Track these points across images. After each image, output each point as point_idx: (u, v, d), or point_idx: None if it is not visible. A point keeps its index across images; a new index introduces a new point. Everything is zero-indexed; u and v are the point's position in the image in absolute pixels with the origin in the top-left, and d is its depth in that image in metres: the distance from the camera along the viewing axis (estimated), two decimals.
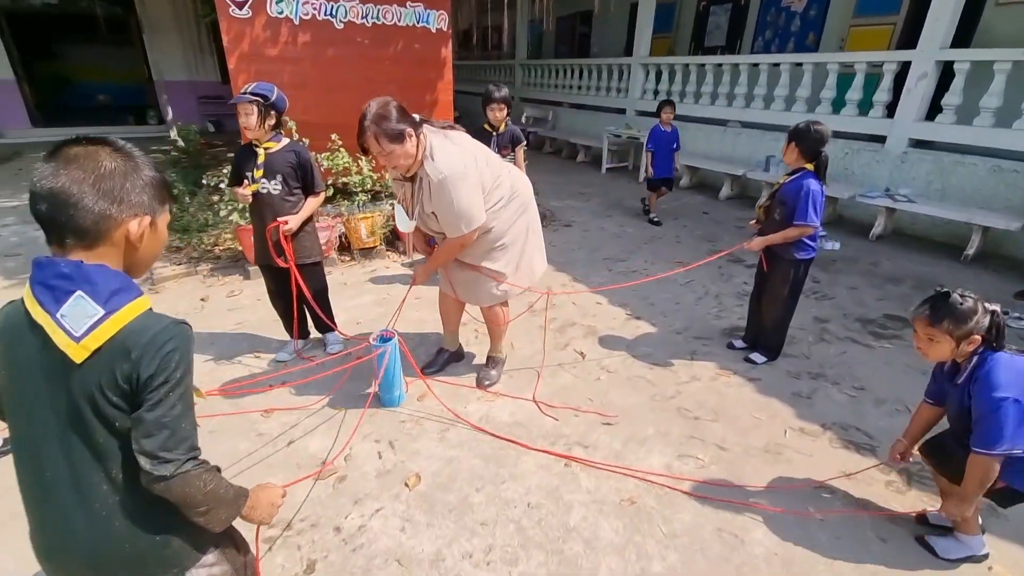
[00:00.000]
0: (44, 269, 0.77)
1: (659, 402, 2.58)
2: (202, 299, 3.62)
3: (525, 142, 3.73)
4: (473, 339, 3.16)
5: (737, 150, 7.06)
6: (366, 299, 3.69)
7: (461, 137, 2.16)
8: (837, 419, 2.49)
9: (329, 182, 4.31)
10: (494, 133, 3.61)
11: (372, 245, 4.37)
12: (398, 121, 1.92)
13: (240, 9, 4.27)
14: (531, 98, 11.44)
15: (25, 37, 10.63)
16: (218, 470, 0.90)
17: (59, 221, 0.77)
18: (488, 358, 2.78)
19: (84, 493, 0.82)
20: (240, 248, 4.09)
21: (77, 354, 0.75)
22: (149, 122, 11.70)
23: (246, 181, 2.57)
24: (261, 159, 2.55)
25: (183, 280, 3.91)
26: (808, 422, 2.47)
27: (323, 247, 4.16)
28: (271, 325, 3.25)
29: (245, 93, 2.43)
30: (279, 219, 2.58)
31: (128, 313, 0.79)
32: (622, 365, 2.91)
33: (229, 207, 3.93)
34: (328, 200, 4.32)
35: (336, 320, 3.02)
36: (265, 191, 2.59)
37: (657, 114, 5.45)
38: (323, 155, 4.39)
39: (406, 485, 2.03)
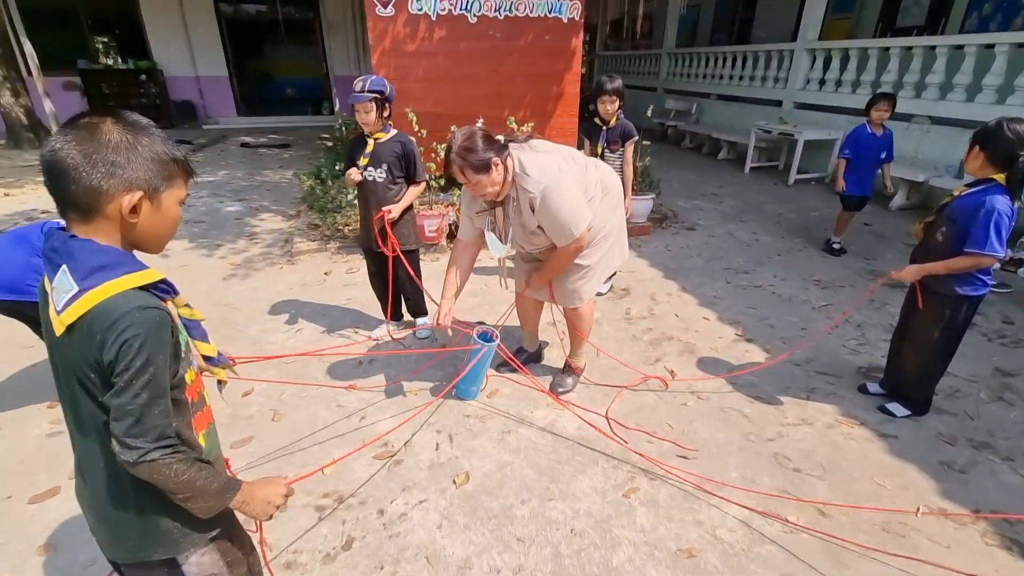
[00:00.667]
0: (48, 239, 0.82)
1: (752, 443, 2.23)
2: (326, 273, 4.01)
3: (636, 137, 3.47)
4: (558, 340, 3.05)
5: (922, 151, 5.85)
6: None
7: (544, 144, 2.09)
8: (1001, 506, 1.92)
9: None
10: (604, 127, 3.41)
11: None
12: (484, 150, 1.88)
13: (385, 8, 4.59)
14: (676, 89, 10.73)
15: (237, 39, 12.73)
16: (207, 463, 0.89)
17: (57, 193, 0.79)
18: (566, 363, 2.65)
19: (85, 457, 0.89)
20: None
21: (58, 327, 0.79)
22: (323, 112, 13.37)
23: (355, 168, 2.76)
24: (370, 148, 2.71)
25: (316, 255, 4.36)
26: (955, 503, 1.94)
27: (433, 233, 4.36)
28: (374, 304, 3.48)
29: (363, 92, 2.59)
30: (383, 208, 2.73)
31: (103, 292, 0.77)
32: (716, 393, 2.57)
33: (354, 192, 4.28)
34: (442, 189, 4.49)
35: (430, 307, 3.13)
36: (371, 178, 2.74)
37: (866, 112, 4.15)
38: (442, 145, 4.55)
39: (454, 482, 2.01)
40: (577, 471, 2.07)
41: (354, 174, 2.73)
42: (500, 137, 1.98)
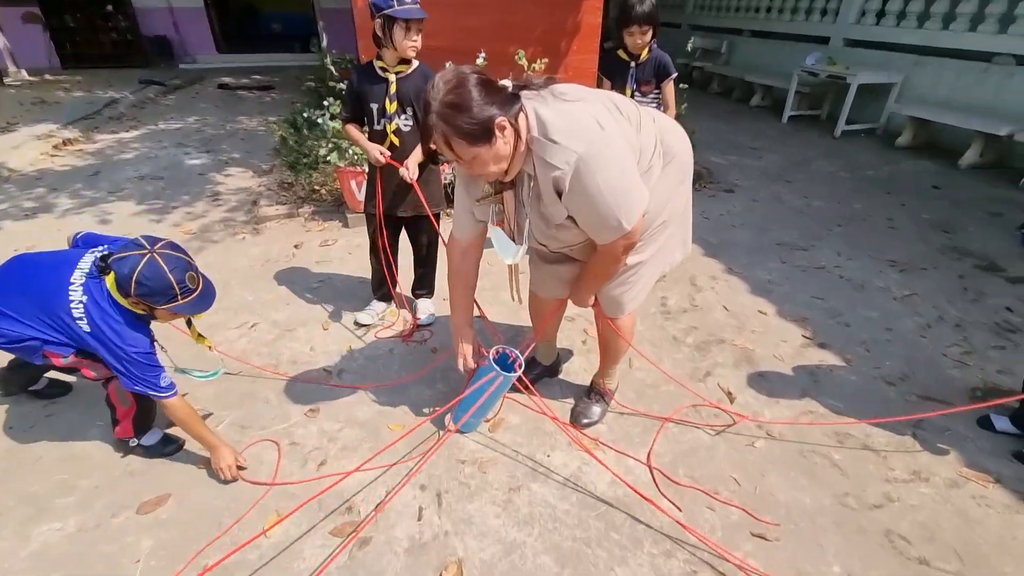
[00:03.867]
0: None
1: (853, 511, 1.63)
2: (296, 246, 3.33)
3: (675, 73, 2.68)
4: (580, 344, 2.41)
5: (1003, 98, 4.96)
6: None
7: (573, 90, 1.30)
8: None
9: None
10: (632, 64, 2.62)
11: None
12: (482, 106, 1.15)
13: None
14: (704, 25, 9.56)
15: None
16: None
17: None
18: (592, 385, 2.03)
19: None
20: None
21: None
22: (312, 50, 12.18)
23: (372, 124, 2.16)
24: (393, 87, 2.05)
25: (285, 223, 3.66)
26: None
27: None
28: (355, 287, 2.83)
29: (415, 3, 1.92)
30: (404, 164, 2.12)
31: None
32: (792, 427, 1.95)
33: (331, 144, 3.52)
34: None
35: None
36: (406, 128, 2.14)
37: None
38: None
39: None
40: (614, 559, 1.48)
41: (381, 152, 2.12)
42: (506, 82, 1.25)
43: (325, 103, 3.60)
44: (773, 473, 1.75)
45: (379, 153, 2.11)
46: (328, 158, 3.47)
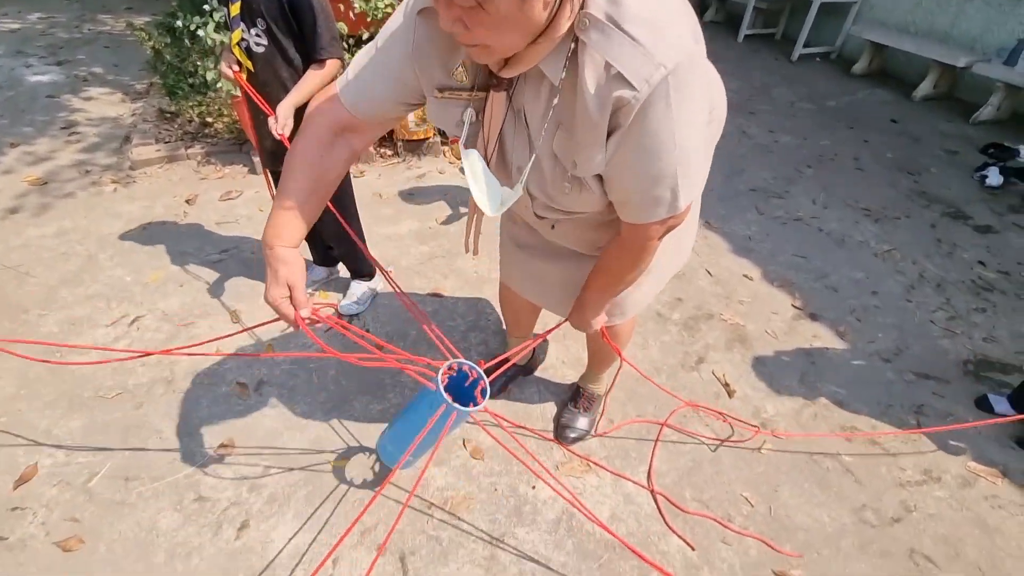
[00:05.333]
0: None
1: (873, 530, 1.47)
2: (187, 201, 2.63)
3: None
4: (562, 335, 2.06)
5: (961, 25, 4.80)
6: (405, 227, 2.58)
7: None
8: None
9: (364, 36, 2.95)
10: None
11: (423, 137, 3.12)
12: None
13: None
14: None
15: None
16: None
17: None
18: (577, 390, 1.70)
19: None
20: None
21: None
22: None
23: (229, 53, 1.57)
24: None
25: (170, 168, 2.89)
26: None
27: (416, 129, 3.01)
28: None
29: None
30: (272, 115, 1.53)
31: None
32: (798, 423, 1.75)
33: (217, 66, 2.72)
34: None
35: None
36: (244, 45, 1.52)
37: None
38: None
39: None
40: None
41: (228, 66, 1.56)
42: None
43: (206, 6, 2.72)
44: (786, 486, 1.55)
45: (226, 66, 1.55)
46: (219, 84, 2.69)
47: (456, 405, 1.02)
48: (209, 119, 3.11)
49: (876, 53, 5.23)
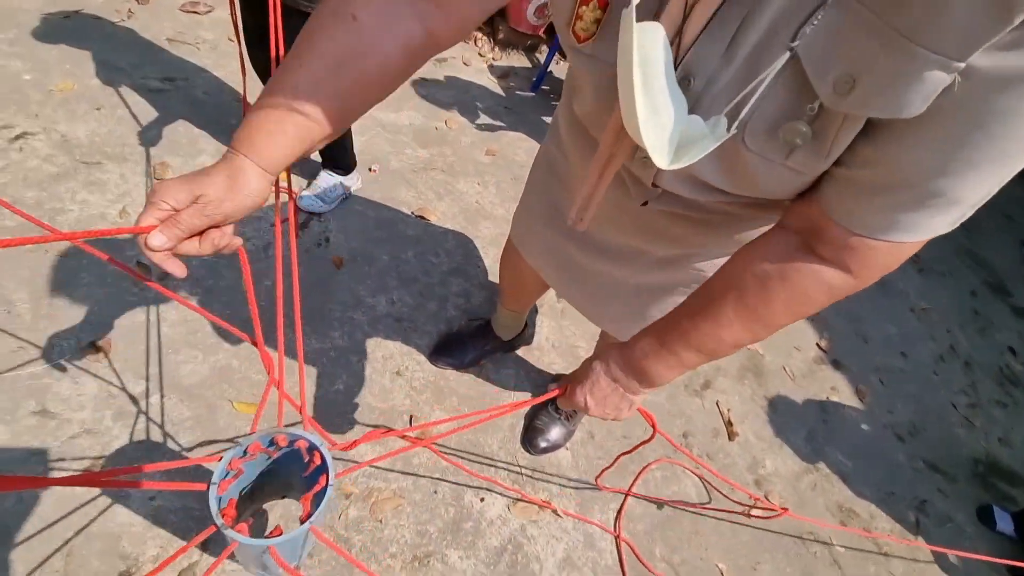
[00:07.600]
0: None
1: None
2: (127, 15, 2.01)
3: None
4: (555, 300, 1.69)
5: None
6: (406, 118, 2.07)
7: None
8: None
9: None
10: None
11: None
12: None
13: None
14: None
15: None
16: None
17: None
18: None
19: None
20: None
21: None
22: None
23: None
24: None
25: None
26: None
27: (536, 21, 2.36)
28: (235, 107, 1.75)
29: None
30: None
31: None
32: (795, 490, 1.50)
33: None
34: None
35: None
36: None
37: None
38: None
39: None
40: None
41: None
42: None
43: None
44: (768, 564, 1.32)
45: None
46: None
47: (246, 540, 0.54)
48: None
49: None
